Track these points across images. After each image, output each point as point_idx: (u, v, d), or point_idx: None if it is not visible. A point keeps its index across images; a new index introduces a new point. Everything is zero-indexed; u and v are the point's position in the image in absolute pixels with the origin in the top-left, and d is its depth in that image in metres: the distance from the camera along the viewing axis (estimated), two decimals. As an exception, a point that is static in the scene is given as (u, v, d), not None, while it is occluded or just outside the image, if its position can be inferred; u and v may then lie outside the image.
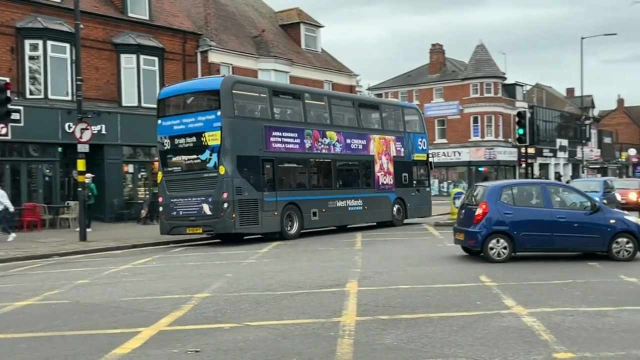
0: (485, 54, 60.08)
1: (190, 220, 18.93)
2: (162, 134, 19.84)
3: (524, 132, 29.56)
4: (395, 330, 7.77)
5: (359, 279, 11.66)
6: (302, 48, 38.15)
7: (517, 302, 9.32)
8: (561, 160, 69.80)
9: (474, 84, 59.11)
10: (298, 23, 38.50)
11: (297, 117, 21.55)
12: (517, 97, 63.04)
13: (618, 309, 8.83)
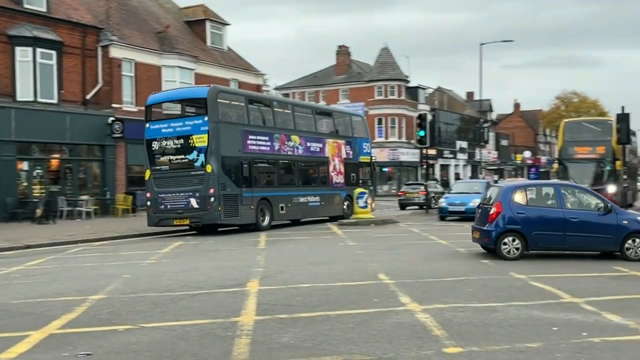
0: (390, 57, 61.40)
1: (177, 213, 21.13)
2: (151, 136, 21.99)
3: (425, 134, 30.49)
4: (293, 328, 7.83)
5: (260, 278, 11.66)
6: (207, 45, 37.73)
7: (412, 299, 9.58)
8: (461, 162, 72.28)
9: (379, 86, 60.31)
10: (204, 20, 38.05)
11: (268, 122, 24.20)
12: (420, 99, 64.81)
13: (506, 304, 9.23)
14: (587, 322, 8.17)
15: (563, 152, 34.08)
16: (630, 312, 8.68)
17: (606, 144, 33.05)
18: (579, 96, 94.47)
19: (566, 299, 9.62)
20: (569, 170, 32.98)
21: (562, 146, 34.62)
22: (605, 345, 7.03)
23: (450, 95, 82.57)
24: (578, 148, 32.89)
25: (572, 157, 33.02)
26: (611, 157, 32.33)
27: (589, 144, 33.14)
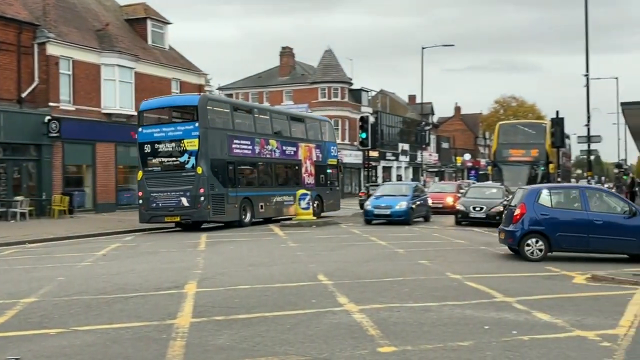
0: (333, 59, 61.67)
1: (169, 210, 22.75)
2: (143, 139, 23.50)
3: (367, 136, 30.78)
4: (229, 330, 7.80)
5: (198, 280, 11.56)
6: (148, 44, 37.15)
7: (350, 299, 9.66)
8: (403, 164, 73.14)
9: (322, 88, 60.49)
10: (145, 18, 37.43)
11: (250, 128, 26.09)
12: (363, 102, 65.27)
13: (441, 304, 9.41)
14: (517, 320, 8.40)
15: (498, 155, 34.89)
16: (558, 311, 8.96)
17: (540, 147, 33.74)
18: (517, 100, 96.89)
19: (499, 299, 9.87)
20: (503, 172, 33.70)
21: (496, 149, 35.28)
22: (534, 343, 7.24)
23: (392, 98, 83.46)
24: (512, 150, 33.88)
25: (506, 159, 33.94)
26: (545, 160, 33.19)
27: (523, 146, 34.00)
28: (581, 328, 7.97)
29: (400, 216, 25.25)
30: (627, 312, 8.94)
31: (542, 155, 33.32)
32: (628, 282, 11.43)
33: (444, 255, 15.50)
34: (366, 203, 26.96)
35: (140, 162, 23.64)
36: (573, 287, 11.19)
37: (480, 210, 24.98)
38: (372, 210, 25.87)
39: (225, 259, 14.77)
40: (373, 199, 26.84)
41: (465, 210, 25.31)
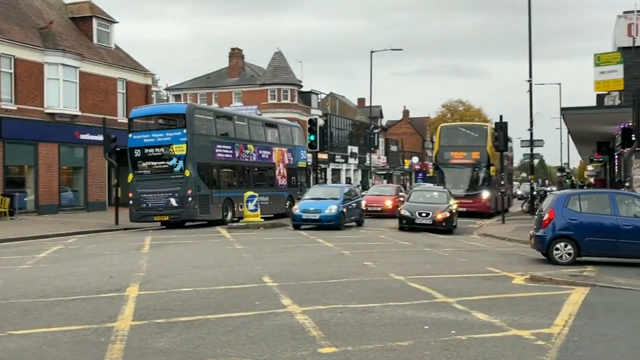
0: (283, 61, 61.68)
1: (158, 210, 24.47)
2: (134, 145, 25.23)
3: (315, 138, 30.77)
4: (170, 333, 7.74)
5: (140, 283, 11.41)
6: (94, 43, 36.47)
7: (293, 301, 9.69)
8: (352, 166, 73.60)
9: (272, 90, 60.44)
10: (90, 17, 36.73)
11: (230, 134, 28.16)
12: (313, 104, 65.44)
13: (383, 305, 9.52)
14: (456, 320, 8.57)
15: (439, 157, 34.40)
16: (496, 311, 9.17)
17: (481, 150, 33.34)
18: (464, 104, 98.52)
19: (440, 299, 10.04)
20: (445, 175, 33.33)
21: (438, 151, 34.71)
22: (471, 342, 7.40)
23: (342, 100, 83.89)
24: (454, 153, 33.60)
25: (448, 162, 33.60)
26: (486, 163, 32.88)
27: (464, 149, 33.79)
28: (518, 327, 8.18)
29: (330, 221, 23.66)
30: (563, 312, 9.21)
31: (483, 157, 33.12)
32: (565, 283, 11.76)
33: (389, 257, 15.68)
34: (294, 207, 25.38)
35: (131, 166, 25.31)
36: (512, 288, 11.46)
37: (426, 216, 23.91)
38: (301, 214, 24.08)
39: (169, 262, 14.62)
40: (302, 202, 25.26)
41: (411, 216, 24.15)
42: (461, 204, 29.36)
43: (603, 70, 27.91)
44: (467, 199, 31.34)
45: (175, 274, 12.62)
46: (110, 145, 26.25)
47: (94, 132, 33.09)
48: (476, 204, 31.91)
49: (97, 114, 33.29)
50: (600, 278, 12.35)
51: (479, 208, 32.03)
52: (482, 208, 32.24)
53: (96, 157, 33.98)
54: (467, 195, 32.05)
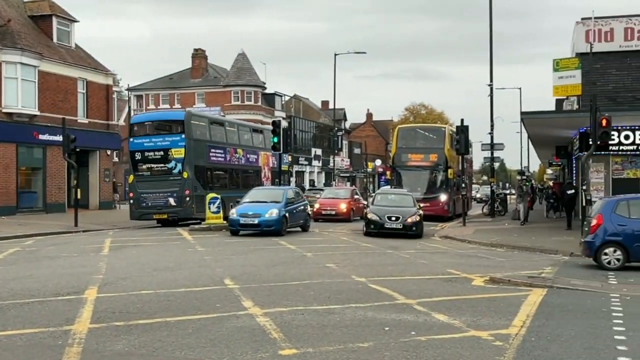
0: (247, 63, 61.50)
1: (157, 209, 26.39)
2: (134, 148, 27.37)
3: (279, 140, 30.70)
4: (128, 336, 7.64)
5: (99, 285, 11.25)
6: (54, 42, 35.87)
7: (255, 303, 9.66)
8: (315, 169, 73.67)
9: (235, 91, 60.23)
10: (50, 15, 36.10)
11: (222, 139, 30.30)
12: (276, 106, 65.38)
13: (344, 306, 9.55)
14: (417, 321, 8.63)
15: (396, 159, 33.64)
16: (456, 312, 9.27)
17: (439, 152, 32.80)
18: (426, 108, 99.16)
19: (400, 301, 10.11)
20: (402, 177, 32.75)
21: (395, 153, 33.92)
22: (431, 343, 7.47)
23: (306, 103, 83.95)
24: (411, 155, 32.91)
25: (405, 164, 32.95)
26: (444, 165, 32.47)
27: (421, 151, 33.17)
28: (476, 328, 8.27)
29: (270, 226, 21.91)
30: (521, 313, 9.35)
31: (441, 159, 32.72)
32: (523, 284, 11.95)
33: (351, 259, 15.74)
34: (231, 211, 23.09)
35: (131, 168, 27.57)
36: (472, 289, 11.59)
37: (396, 220, 22.58)
38: (238, 219, 22.12)
39: (129, 264, 14.44)
40: (240, 206, 23.01)
41: (380, 220, 22.62)
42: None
43: (562, 75, 28.41)
44: (425, 202, 30.38)
45: (135, 276, 12.47)
46: (70, 145, 25.84)
47: (53, 132, 32.52)
48: (433, 207, 31.44)
49: (57, 114, 32.73)
50: (558, 279, 12.58)
51: (437, 211, 31.60)
52: (439, 211, 31.87)
53: (55, 157, 33.41)
54: (425, 198, 31.40)
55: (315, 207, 30.74)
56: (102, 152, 38.12)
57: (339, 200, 32.15)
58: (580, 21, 29.21)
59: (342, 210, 31.22)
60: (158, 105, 62.90)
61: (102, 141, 37.76)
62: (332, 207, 31.36)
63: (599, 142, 18.89)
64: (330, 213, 31.04)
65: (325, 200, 32.32)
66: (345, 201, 32.08)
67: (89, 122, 36.56)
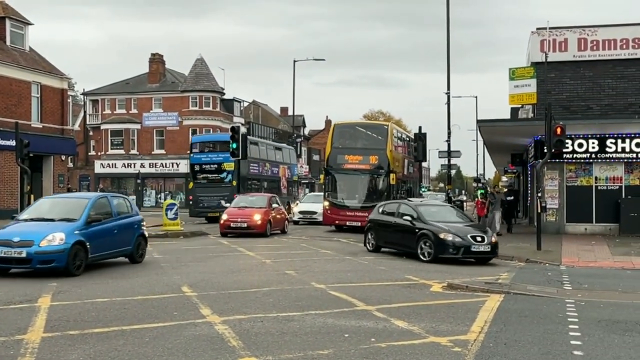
0: (205, 68, 61.06)
1: (211, 208, 34.23)
2: (195, 162, 36.83)
3: (238, 146, 30.50)
4: (83, 345, 7.47)
5: (53, 293, 11.00)
6: (7, 45, 35.06)
7: (213, 310, 9.54)
8: (274, 175, 73.40)
9: (194, 97, 59.73)
10: (3, 18, 35.25)
11: (256, 154, 37.63)
12: (235, 112, 65.05)
13: (304, 313, 9.50)
14: (376, 328, 8.63)
15: (331, 161, 28.82)
16: (415, 318, 9.30)
17: (380, 153, 28.02)
18: (384, 115, 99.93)
19: (360, 307, 10.10)
20: (337, 182, 28.54)
21: (330, 153, 29.11)
22: (391, 350, 7.46)
23: (265, 109, 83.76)
24: (348, 156, 28.22)
25: (341, 166, 28.37)
26: (386, 169, 27.72)
27: (360, 152, 28.49)
28: (435, 334, 8.31)
29: (49, 262, 12.96)
30: (479, 318, 9.42)
31: (383, 162, 27.91)
32: (480, 290, 12.06)
33: (310, 265, 15.69)
34: None
35: (192, 176, 36.86)
36: (430, 295, 11.65)
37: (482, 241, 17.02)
38: None
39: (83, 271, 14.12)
40: (8, 227, 13.99)
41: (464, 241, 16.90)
42: (355, 217, 27.04)
43: (517, 84, 28.95)
44: (363, 211, 25.77)
45: (90, 283, 12.22)
46: (24, 150, 25.26)
47: (5, 136, 31.76)
48: None
49: (9, 118, 31.97)
50: (515, 285, 12.73)
51: None
52: None
53: (8, 162, 32.60)
54: (363, 207, 26.86)
55: (223, 218, 25.54)
56: (57, 157, 37.32)
57: (253, 210, 25.60)
58: (536, 31, 29.81)
59: (256, 223, 25.02)
60: (114, 110, 62.01)
61: (57, 146, 36.98)
62: (244, 218, 25.13)
63: (553, 150, 19.24)
64: (240, 225, 25.06)
65: (235, 211, 25.81)
66: (260, 211, 25.58)
67: (43, 127, 35.79)
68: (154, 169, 60.14)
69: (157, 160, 60.10)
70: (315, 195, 37.45)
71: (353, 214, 27.55)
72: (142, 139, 61.00)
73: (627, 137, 25.76)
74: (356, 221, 26.92)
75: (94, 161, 61.67)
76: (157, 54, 63.36)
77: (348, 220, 27.70)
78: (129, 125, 60.94)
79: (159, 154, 60.49)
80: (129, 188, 60.13)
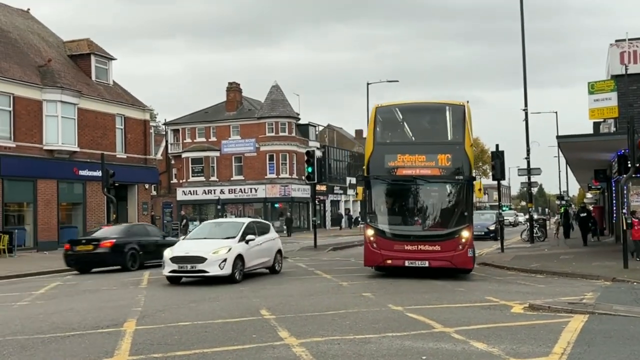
0: (280, 95, 62.12)
1: None
2: None
3: (313, 170, 30.87)
4: (166, 367, 7.71)
5: (138, 317, 11.39)
6: (92, 80, 36.80)
7: (291, 333, 9.66)
8: (351, 198, 73.65)
9: (270, 123, 60.78)
10: (88, 54, 37.13)
11: None
12: (311, 136, 65.79)
13: (381, 335, 9.49)
14: (455, 350, 8.53)
15: (374, 164, 18.17)
16: (495, 340, 9.13)
17: (454, 150, 17.93)
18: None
19: (438, 329, 10.00)
20: (386, 198, 18.49)
21: (372, 153, 18.27)
22: (469, 372, 7.37)
23: (340, 132, 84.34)
24: (403, 156, 17.95)
25: (392, 173, 18.06)
26: (466, 174, 17.68)
27: (422, 148, 18.17)
28: (516, 356, 8.14)
29: None
30: (561, 340, 9.17)
31: (460, 163, 17.79)
32: (563, 311, 11.72)
33: (386, 288, 15.62)
34: None
35: None
36: (511, 316, 11.41)
37: None
38: None
39: (167, 296, 14.57)
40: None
41: None
42: (421, 253, 17.36)
43: (597, 97, 28.07)
44: (432, 243, 17.45)
45: (173, 308, 12.58)
46: (109, 180, 26.34)
47: (92, 167, 33.23)
48: (448, 254, 17.28)
49: (96, 150, 33.50)
50: (599, 305, 12.31)
51: (455, 261, 17.32)
52: (458, 261, 17.37)
53: (95, 192, 34.06)
54: (431, 236, 17.69)
55: None
56: (140, 185, 38.70)
57: None
58: (615, 43, 28.92)
59: None
60: (194, 139, 63.83)
61: (140, 175, 38.38)
62: None
63: (637, 164, 18.58)
64: None
65: None
66: None
67: (127, 157, 37.23)
68: (233, 195, 61.41)
69: (236, 186, 61.35)
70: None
71: (416, 247, 17.48)
72: (221, 165, 62.47)
73: None
74: (422, 259, 17.37)
75: (176, 189, 63.52)
76: (234, 82, 64.96)
77: (408, 259, 17.45)
78: (209, 153, 62.54)
79: (238, 179, 61.73)
80: (209, 214, 61.59)
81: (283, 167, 61.27)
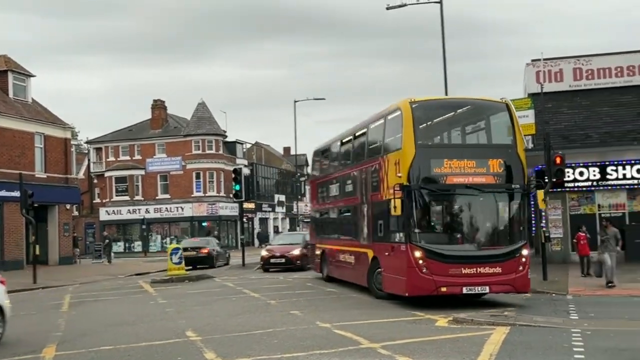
0: (207, 112, 61.60)
1: None
2: None
3: (240, 188, 30.66)
4: (87, 394, 7.46)
5: (58, 342, 11.01)
6: (10, 97, 35.56)
7: (217, 354, 9.53)
8: (279, 215, 73.59)
9: (196, 141, 60.11)
10: (6, 71, 35.85)
11: None
12: (238, 154, 65.41)
13: (309, 353, 9.47)
14: (381, 365, 8.60)
15: (416, 171, 14.48)
16: (420, 354, 9.26)
17: (507, 154, 15.18)
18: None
19: (365, 345, 10.07)
20: (435, 211, 15.28)
21: (414, 159, 14.55)
22: (395, 387, 7.43)
23: (268, 149, 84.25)
24: (451, 161, 14.69)
25: (441, 181, 14.63)
26: (521, 183, 14.98)
27: (471, 153, 15.47)
28: (440, 369, 8.27)
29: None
30: (484, 352, 9.38)
31: (513, 170, 15.06)
32: (486, 323, 12.00)
33: (315, 304, 15.63)
34: None
35: None
36: (435, 330, 11.60)
37: None
38: None
39: (88, 320, 14.16)
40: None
41: None
42: (479, 277, 14.36)
43: (515, 115, 29.01)
44: (492, 264, 14.51)
45: (95, 332, 12.23)
46: (28, 201, 25.42)
47: (10, 188, 31.98)
48: (510, 278, 14.56)
49: (14, 170, 32.28)
50: (520, 317, 12.66)
51: (518, 286, 14.76)
52: (520, 285, 14.81)
53: (13, 213, 32.76)
54: (489, 257, 14.66)
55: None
56: (62, 206, 37.55)
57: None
58: (530, 63, 30.10)
59: None
60: (118, 157, 62.41)
61: (61, 195, 37.23)
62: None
63: (554, 179, 19.28)
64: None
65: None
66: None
67: (47, 177, 36.07)
68: (159, 214, 60.27)
69: (162, 205, 60.28)
70: None
71: (475, 270, 14.35)
72: (147, 184, 61.27)
73: (627, 163, 25.83)
74: (482, 285, 14.41)
75: (99, 209, 61.88)
76: (159, 100, 63.99)
77: (466, 285, 14.32)
78: (133, 172, 61.26)
79: (164, 198, 60.68)
80: (134, 234, 60.26)
81: (210, 185, 60.62)
